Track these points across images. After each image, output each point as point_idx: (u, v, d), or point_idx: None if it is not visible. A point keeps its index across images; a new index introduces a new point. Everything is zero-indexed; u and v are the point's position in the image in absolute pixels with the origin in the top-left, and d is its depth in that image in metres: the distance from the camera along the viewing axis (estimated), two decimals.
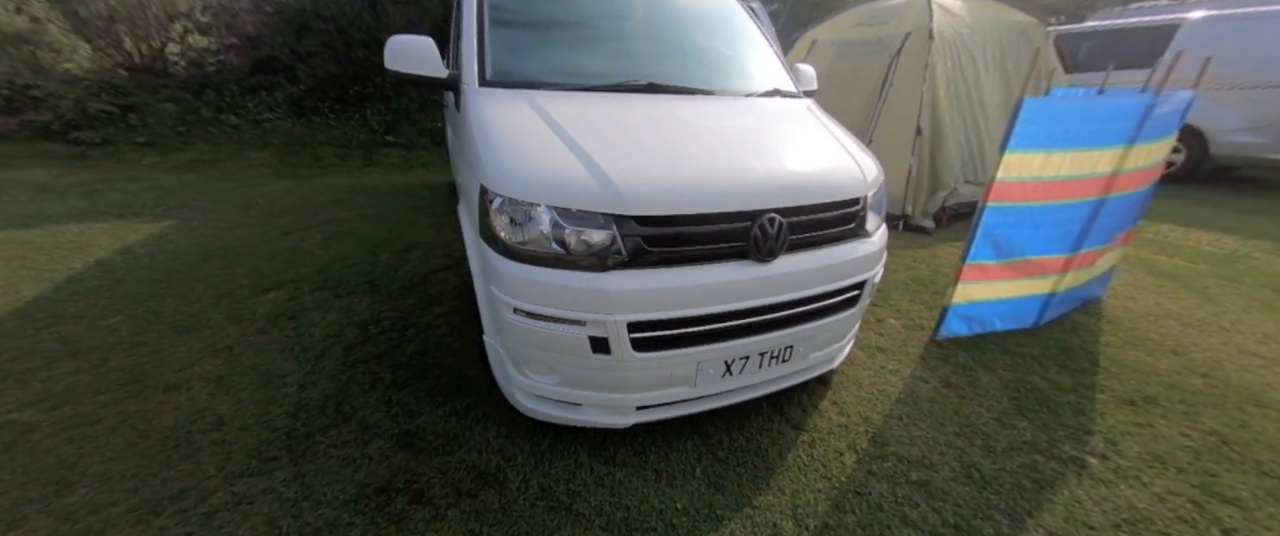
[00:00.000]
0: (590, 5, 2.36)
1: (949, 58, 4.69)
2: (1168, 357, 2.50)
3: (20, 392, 1.96)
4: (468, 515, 1.51)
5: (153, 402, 1.93)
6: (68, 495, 1.52)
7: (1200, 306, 3.06)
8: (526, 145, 1.63)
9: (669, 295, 1.54)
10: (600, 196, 1.49)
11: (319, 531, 1.44)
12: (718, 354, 1.69)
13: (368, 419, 1.88)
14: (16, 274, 2.95)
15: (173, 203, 4.49)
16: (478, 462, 1.71)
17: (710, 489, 1.67)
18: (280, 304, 2.70)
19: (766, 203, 1.64)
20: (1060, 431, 1.98)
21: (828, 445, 1.88)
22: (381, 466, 1.68)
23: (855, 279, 1.89)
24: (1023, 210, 2.34)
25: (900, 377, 2.31)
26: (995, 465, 1.81)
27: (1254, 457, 1.86)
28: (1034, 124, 2.13)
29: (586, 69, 2.08)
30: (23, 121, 6.12)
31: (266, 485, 1.58)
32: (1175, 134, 2.72)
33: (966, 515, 1.60)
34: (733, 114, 2.05)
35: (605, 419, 1.73)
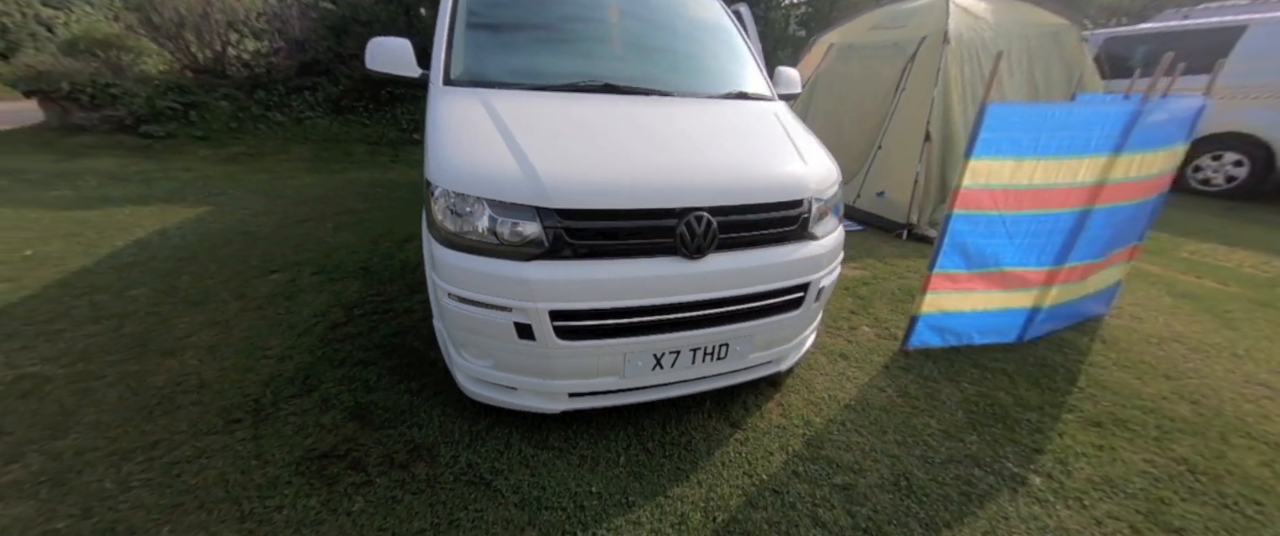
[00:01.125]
0: (561, 9, 2.46)
1: (966, 62, 4.54)
2: (1158, 382, 2.34)
3: (47, 349, 2.25)
4: (394, 484, 1.63)
5: (150, 364, 2.16)
6: (61, 439, 1.74)
7: (1216, 331, 2.83)
8: (469, 141, 1.73)
9: (592, 287, 1.61)
10: (527, 190, 1.57)
11: (260, 487, 1.59)
12: (645, 347, 1.74)
13: (330, 391, 2.04)
14: (70, 248, 3.33)
15: (214, 191, 4.92)
16: (417, 437, 1.83)
17: (630, 477, 1.72)
18: (281, 284, 2.94)
19: (695, 201, 1.68)
20: (1009, 448, 1.91)
21: (759, 444, 1.89)
22: (331, 434, 1.82)
23: (796, 281, 1.89)
24: (994, 219, 2.26)
25: (856, 385, 2.28)
26: (928, 475, 1.77)
27: (1219, 489, 1.74)
28: (1000, 130, 2.06)
29: (545, 70, 2.18)
30: (103, 116, 6.84)
31: (226, 443, 1.76)
32: (1184, 143, 2.55)
33: (880, 520, 1.59)
34: (685, 115, 2.09)
35: (538, 404, 1.81)
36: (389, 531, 1.47)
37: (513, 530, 1.49)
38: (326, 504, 1.54)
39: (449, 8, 2.26)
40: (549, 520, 1.53)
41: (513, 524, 1.51)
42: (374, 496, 1.58)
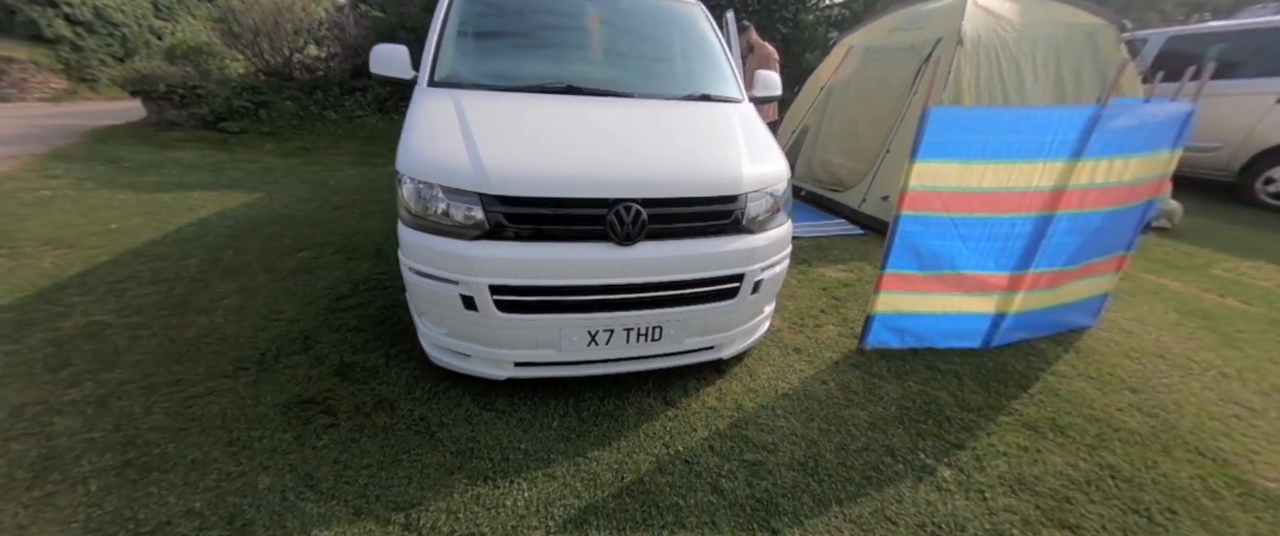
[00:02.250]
0: (543, 18, 2.70)
1: (982, 65, 4.42)
2: (1119, 394, 2.28)
3: (113, 303, 2.72)
4: (356, 428, 1.91)
5: (187, 320, 2.58)
6: (109, 372, 2.15)
7: (1213, 350, 2.68)
8: (434, 135, 1.99)
9: (527, 266, 1.82)
10: (472, 178, 1.80)
11: (250, 421, 1.91)
12: (580, 324, 1.93)
13: (323, 351, 2.37)
14: (146, 224, 3.92)
15: (269, 180, 5.54)
16: (384, 392, 2.11)
17: (558, 439, 1.92)
18: (304, 261, 3.35)
19: (625, 192, 1.85)
20: (930, 442, 1.96)
21: (687, 422, 2.04)
22: (315, 385, 2.14)
23: (728, 271, 2.03)
24: (946, 221, 2.28)
25: (800, 377, 2.37)
26: (838, 459, 1.86)
27: (1136, 496, 1.72)
28: (944, 133, 2.10)
29: (516, 73, 2.42)
30: (190, 113, 7.78)
31: (232, 386, 2.10)
32: (1171, 149, 2.45)
33: (775, 493, 1.70)
34: (637, 115, 2.27)
35: (487, 370, 2.04)
36: (342, 463, 1.74)
37: (443, 472, 1.73)
38: (297, 438, 1.84)
39: (441, 17, 2.54)
40: (475, 467, 1.76)
41: (444, 467, 1.75)
42: (337, 436, 1.87)
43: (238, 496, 1.59)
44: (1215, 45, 6.55)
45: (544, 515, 1.59)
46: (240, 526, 1.49)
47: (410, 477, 1.70)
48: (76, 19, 10.99)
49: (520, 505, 1.62)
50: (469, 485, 1.68)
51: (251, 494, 1.60)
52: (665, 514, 1.62)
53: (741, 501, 1.68)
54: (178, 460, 1.72)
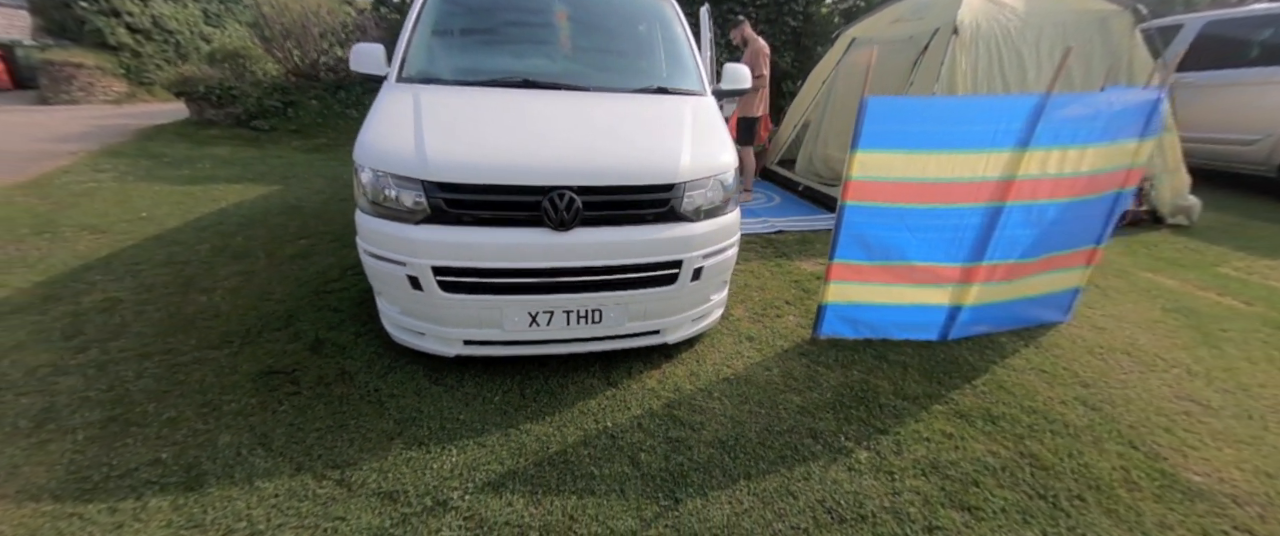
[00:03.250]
0: (511, 15, 2.83)
1: (981, 55, 4.31)
2: (1069, 388, 2.24)
3: (129, 281, 3.01)
4: (315, 396, 2.09)
5: (189, 298, 2.84)
6: (114, 341, 2.41)
7: (1187, 348, 2.58)
8: (388, 127, 2.15)
9: (467, 249, 1.95)
10: (415, 166, 1.95)
11: (223, 387, 2.12)
12: (520, 304, 2.06)
13: (301, 328, 2.58)
14: (171, 213, 4.28)
15: (290, 174, 5.91)
16: (346, 366, 2.29)
17: (496, 412, 2.04)
18: (303, 248, 3.60)
19: (559, 181, 1.96)
20: (855, 427, 1.99)
21: (622, 401, 2.14)
22: (287, 358, 2.34)
23: (664, 258, 2.11)
24: (892, 211, 2.29)
25: (746, 364, 2.42)
26: (759, 440, 1.92)
27: (1048, 483, 1.72)
28: (883, 123, 2.11)
29: (477, 68, 2.56)
30: (226, 112, 8.32)
31: (215, 356, 2.33)
32: (1138, 139, 2.38)
33: (689, 468, 1.78)
34: (586, 108, 2.37)
35: (438, 347, 2.19)
36: (296, 426, 1.92)
37: (383, 437, 1.88)
38: (262, 403, 2.03)
39: (413, 17, 2.71)
40: (414, 433, 1.90)
41: (386, 433, 1.90)
42: (298, 402, 2.05)
43: (199, 450, 1.79)
44: (1269, 29, 6.06)
45: (466, 478, 1.72)
46: (195, 475, 1.68)
47: (353, 441, 1.86)
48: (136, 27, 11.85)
49: (446, 468, 1.75)
50: (404, 449, 1.83)
51: (211, 448, 1.79)
52: (579, 481, 1.72)
53: (654, 473, 1.76)
54: (155, 418, 1.93)
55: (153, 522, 1.51)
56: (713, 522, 1.58)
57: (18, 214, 4.08)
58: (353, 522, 1.54)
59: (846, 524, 1.59)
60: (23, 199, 4.47)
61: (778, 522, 1.59)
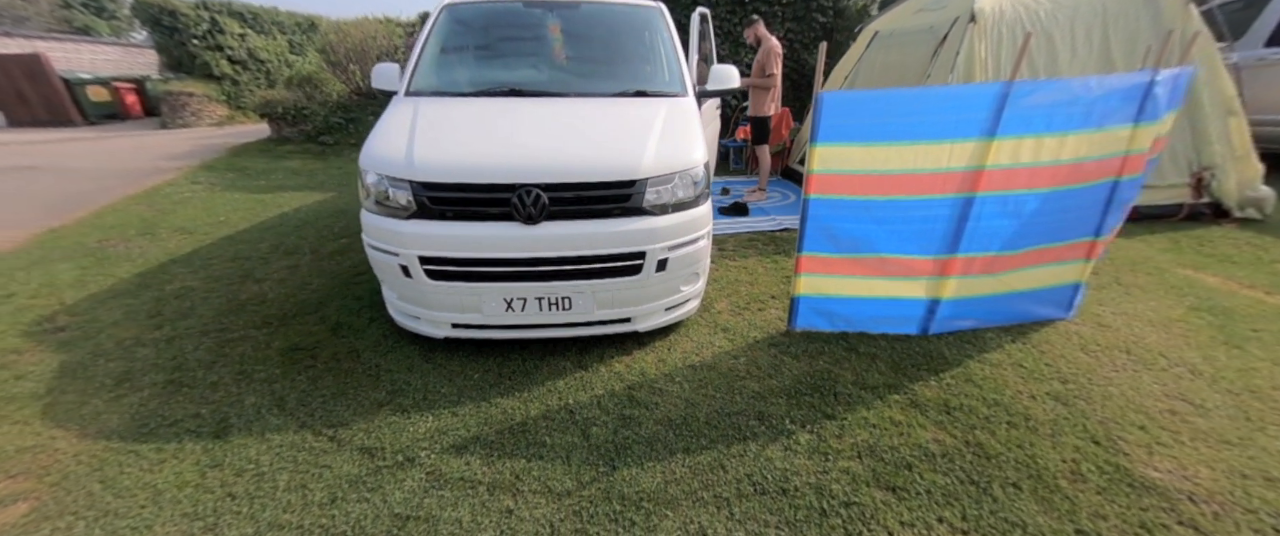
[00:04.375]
0: (507, 31, 3.09)
1: (1006, 41, 4.12)
2: (1045, 383, 2.17)
3: (202, 273, 3.56)
4: (327, 369, 2.43)
5: (245, 287, 3.33)
6: (183, 321, 2.89)
7: (1201, 349, 2.40)
8: (388, 135, 2.46)
9: (448, 240, 2.21)
10: (404, 167, 2.23)
11: (256, 359, 2.51)
12: (496, 291, 2.29)
13: (327, 313, 2.96)
14: (244, 217, 4.94)
15: (345, 182, 6.58)
16: (357, 345, 2.62)
17: (474, 387, 2.28)
18: (343, 246, 4.07)
19: (528, 178, 2.17)
20: (804, 412, 2.05)
21: (588, 382, 2.31)
22: (311, 337, 2.71)
23: (629, 249, 2.27)
24: (857, 203, 2.31)
25: (715, 352, 2.53)
26: (707, 421, 2.03)
27: (985, 471, 1.71)
28: (839, 117, 2.15)
29: (471, 79, 2.84)
30: (299, 130, 9.33)
31: (256, 335, 2.74)
32: (1131, 124, 2.25)
33: (633, 441, 1.93)
34: (564, 112, 2.58)
35: (429, 330, 2.47)
36: (306, 392, 2.25)
37: (374, 404, 2.17)
38: (284, 373, 2.39)
39: (423, 36, 3.04)
40: (399, 402, 2.18)
41: (377, 401, 2.19)
42: (312, 373, 2.39)
43: (229, 408, 2.15)
44: None
45: (435, 440, 1.96)
46: (223, 426, 2.04)
47: (349, 406, 2.16)
48: (235, 59, 13.49)
49: (420, 432, 2.00)
50: (389, 415, 2.10)
51: (238, 407, 2.15)
52: (532, 448, 1.92)
53: (600, 444, 1.92)
54: (202, 382, 2.33)
55: (186, 460, 1.87)
56: (642, 488, 1.72)
57: (129, 219, 4.88)
58: (336, 470, 1.81)
59: (767, 495, 1.67)
60: (135, 207, 5.32)
61: (703, 491, 1.70)
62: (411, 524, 1.59)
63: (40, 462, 1.87)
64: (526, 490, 1.72)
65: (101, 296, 3.23)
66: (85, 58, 15.25)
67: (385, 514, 1.63)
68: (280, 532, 1.57)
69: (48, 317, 2.96)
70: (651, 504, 1.66)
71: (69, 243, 4.23)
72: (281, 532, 1.57)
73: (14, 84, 13.03)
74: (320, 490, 1.73)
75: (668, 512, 1.63)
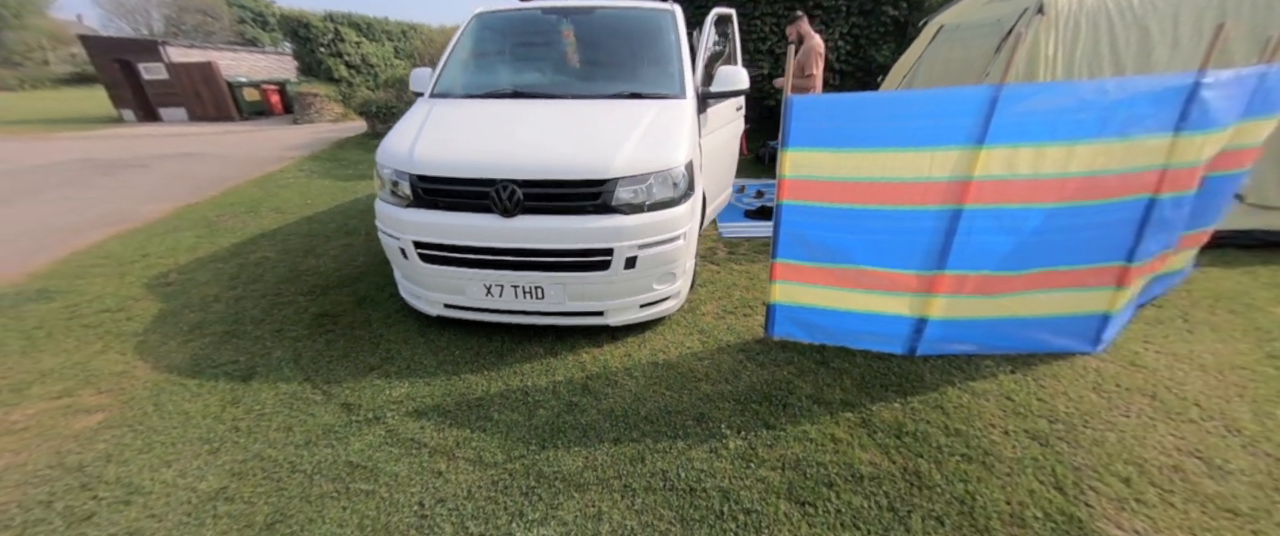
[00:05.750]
0: (525, 37, 3.31)
1: (1082, 36, 3.67)
2: (1028, 419, 1.94)
3: (280, 246, 4.20)
4: (342, 334, 2.79)
5: (306, 260, 3.88)
6: (253, 285, 3.45)
7: (1258, 404, 2.01)
8: (402, 133, 2.76)
9: (437, 228, 2.47)
10: (406, 162, 2.51)
11: (293, 321, 2.94)
12: (477, 277, 2.51)
13: (359, 287, 3.38)
14: (325, 199, 5.70)
15: None
16: (372, 316, 2.98)
17: (451, 362, 2.51)
18: None
19: (505, 174, 2.36)
20: (745, 419, 2.03)
21: (551, 368, 2.45)
22: (339, 306, 3.12)
23: (597, 245, 2.38)
24: (831, 211, 2.22)
25: (683, 353, 2.55)
26: (647, 416, 2.08)
27: (910, 499, 1.59)
28: (809, 122, 2.08)
29: (481, 83, 3.08)
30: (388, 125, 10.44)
31: (300, 301, 3.20)
32: (1171, 134, 1.94)
33: (570, 426, 2.03)
34: (554, 112, 2.73)
35: (426, 308, 2.75)
36: (319, 352, 2.61)
37: (366, 368, 2.47)
38: (309, 334, 2.79)
39: (452, 45, 3.35)
40: (387, 368, 2.46)
41: (370, 365, 2.49)
42: (330, 337, 2.77)
43: (260, 358, 2.57)
44: None
45: (403, 404, 2.20)
46: (249, 372, 2.44)
47: (347, 367, 2.48)
48: (351, 63, 15.38)
49: (394, 396, 2.26)
50: (376, 378, 2.39)
51: (266, 358, 2.57)
52: (478, 420, 2.09)
53: (540, 426, 2.05)
54: (248, 335, 2.80)
55: (215, 396, 2.27)
56: (561, 469, 1.82)
57: (243, 199, 5.83)
58: (318, 419, 2.12)
59: (674, 492, 1.70)
60: (250, 190, 6.34)
61: (615, 479, 1.77)
62: (358, 471, 1.83)
63: (120, 384, 2.38)
64: (461, 457, 1.90)
65: (204, 260, 3.94)
66: (244, 65, 18.12)
67: (342, 459, 1.89)
68: (260, 462, 1.89)
69: (163, 274, 3.68)
70: (564, 484, 1.76)
71: (197, 216, 5.17)
72: (261, 462, 1.89)
73: (194, 86, 15.88)
74: (301, 433, 2.03)
75: (575, 494, 1.71)
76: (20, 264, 3.92)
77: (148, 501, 1.71)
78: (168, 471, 1.84)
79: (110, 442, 1.99)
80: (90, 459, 1.91)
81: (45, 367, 2.52)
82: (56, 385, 2.37)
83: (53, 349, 2.69)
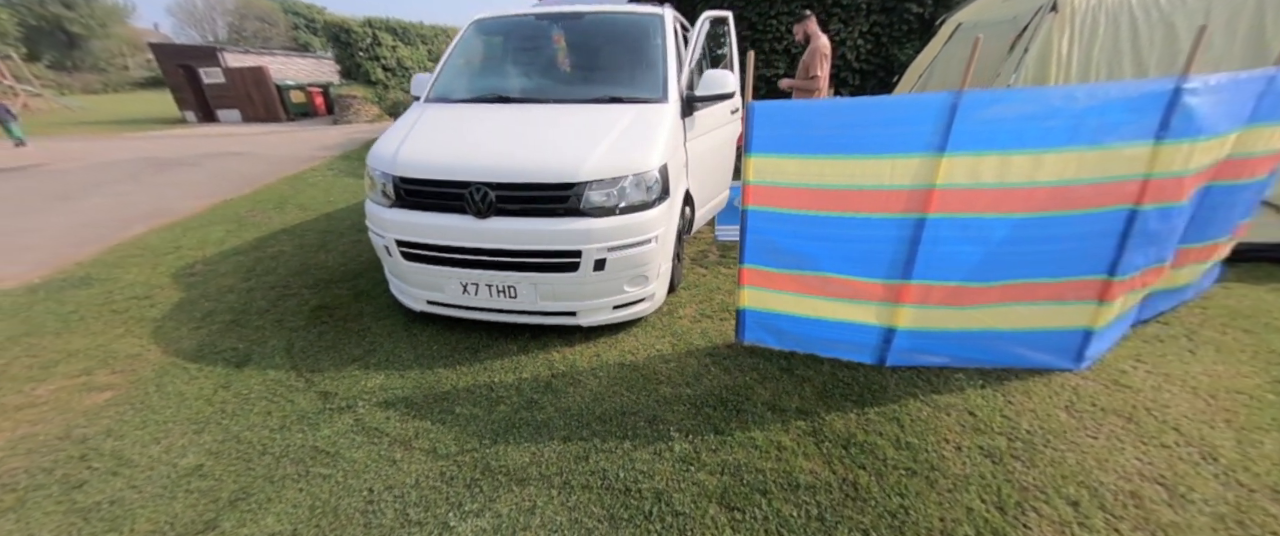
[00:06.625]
0: (517, 42, 3.40)
1: (1101, 34, 3.50)
2: (986, 436, 1.87)
3: (296, 242, 4.46)
4: (333, 326, 2.95)
5: (317, 255, 4.10)
6: (266, 277, 3.69)
7: (1246, 432, 1.87)
8: (390, 136, 2.90)
9: (415, 227, 2.58)
10: (390, 163, 2.64)
11: (293, 313, 3.13)
12: (454, 275, 2.61)
13: (358, 282, 3.56)
14: (347, 197, 5.98)
15: None
16: (364, 310, 3.14)
17: (427, 356, 2.62)
18: None
19: (478, 177, 2.45)
20: (696, 422, 2.04)
21: (520, 365, 2.52)
22: (337, 299, 3.29)
23: (566, 247, 2.44)
24: (793, 217, 2.20)
25: (650, 355, 2.57)
26: (601, 416, 2.12)
27: (843, 511, 1.58)
28: (772, 128, 2.07)
29: (469, 88, 3.18)
30: None
31: (304, 293, 3.40)
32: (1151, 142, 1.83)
33: (523, 423, 2.09)
34: (533, 117, 2.81)
35: (412, 304, 2.87)
36: (310, 342, 2.77)
37: (350, 359, 2.61)
38: (305, 325, 2.96)
39: (450, 50, 3.47)
40: (367, 359, 2.59)
41: (353, 356, 2.63)
42: (323, 329, 2.93)
43: (256, 346, 2.75)
44: None
45: (375, 395, 2.32)
46: (244, 359, 2.62)
47: (332, 357, 2.63)
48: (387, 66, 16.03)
49: (369, 386, 2.38)
50: (355, 369, 2.52)
51: (262, 346, 2.75)
52: (441, 413, 2.18)
53: (497, 420, 2.12)
54: (251, 324, 3.00)
55: (210, 380, 2.46)
56: (507, 463, 1.89)
57: (273, 196, 6.20)
58: (296, 405, 2.26)
59: (611, 491, 1.73)
60: (281, 187, 6.73)
61: (556, 476, 1.82)
62: (321, 456, 1.95)
63: (132, 366, 2.60)
64: (417, 447, 1.99)
65: (228, 253, 4.23)
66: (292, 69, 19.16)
67: (309, 444, 2.02)
68: (237, 443, 2.03)
69: (189, 266, 3.97)
70: (506, 478, 1.82)
71: (229, 212, 5.54)
72: (237, 443, 2.03)
73: (246, 89, 16.91)
74: (278, 417, 2.18)
75: (515, 488, 1.77)
76: (72, 253, 4.31)
77: (133, 474, 1.88)
78: (156, 447, 2.01)
79: (113, 419, 2.19)
80: (93, 433, 2.10)
81: (73, 348, 2.78)
82: (79, 364, 2.62)
83: (83, 331, 2.96)
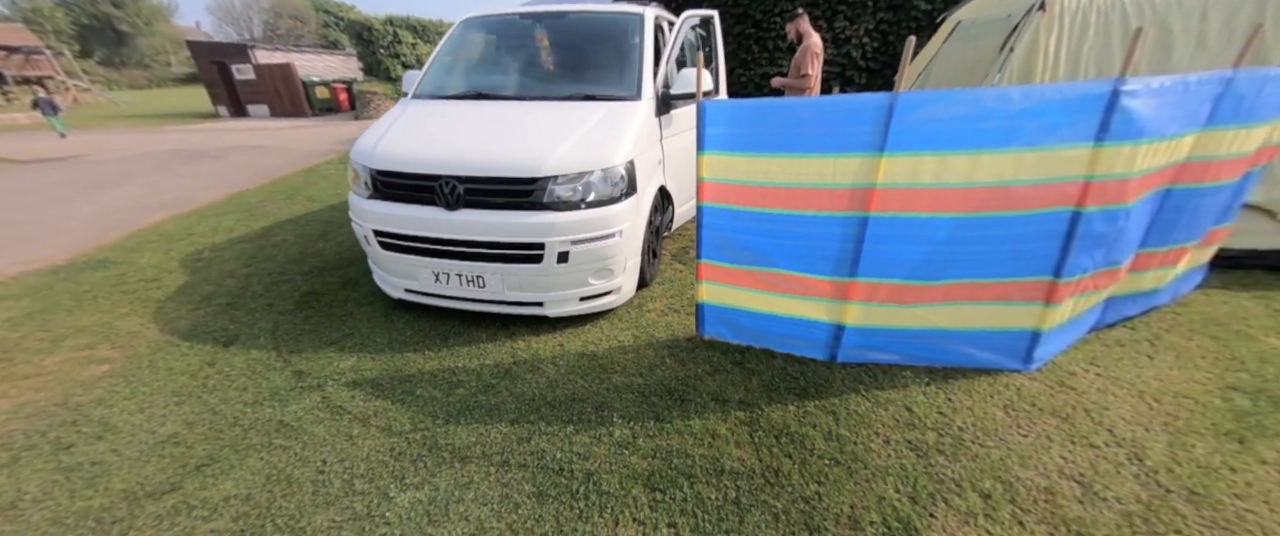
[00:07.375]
0: (501, 41, 3.51)
1: (1092, 33, 3.44)
2: (917, 431, 1.91)
3: (299, 231, 4.67)
4: (318, 311, 3.11)
5: (315, 244, 4.30)
6: (266, 264, 3.89)
7: (1183, 436, 1.86)
8: (373, 131, 3.03)
9: (390, 218, 2.71)
10: (369, 157, 2.78)
11: (284, 297, 3.31)
12: (427, 265, 2.73)
13: (348, 271, 3.72)
14: None
15: None
16: (349, 297, 3.29)
17: (400, 341, 2.75)
18: None
19: (447, 170, 2.56)
20: (641, 410, 2.12)
21: (485, 352, 2.63)
22: (327, 286, 3.46)
23: (529, 239, 2.54)
24: (744, 214, 2.25)
25: (611, 346, 2.66)
26: (550, 402, 2.21)
27: (759, 496, 1.65)
28: (721, 126, 2.13)
29: (453, 84, 3.31)
30: None
31: (297, 280, 3.58)
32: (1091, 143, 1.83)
33: (481, 405, 2.20)
34: (508, 113, 2.91)
35: (392, 291, 3.01)
36: (295, 326, 2.94)
37: (327, 341, 2.76)
38: (293, 309, 3.13)
39: (438, 49, 3.61)
40: (345, 342, 2.74)
41: (331, 339, 2.78)
42: (309, 313, 3.10)
43: (245, 328, 2.92)
44: None
45: (344, 376, 2.46)
46: (232, 339, 2.80)
47: (312, 340, 2.78)
48: (407, 63, 16.41)
49: (340, 367, 2.53)
50: (330, 350, 2.67)
51: (250, 328, 2.92)
52: (402, 394, 2.30)
53: (454, 403, 2.24)
54: (245, 307, 3.19)
55: (198, 357, 2.63)
56: (455, 442, 2.00)
57: (285, 188, 6.48)
58: (271, 382, 2.41)
59: (545, 471, 1.83)
60: (294, 179, 7.01)
61: (496, 455, 1.92)
62: (285, 429, 2.09)
63: (131, 342, 2.80)
64: (374, 425, 2.11)
65: (235, 241, 4.46)
66: (318, 65, 19.77)
67: (276, 419, 2.16)
68: (212, 415, 2.19)
69: (198, 252, 4.21)
70: (450, 455, 1.93)
71: (243, 202, 5.81)
72: (212, 415, 2.19)
73: (275, 85, 17.51)
74: (252, 393, 2.33)
75: (456, 464, 1.88)
76: (96, 238, 4.61)
77: (115, 438, 2.05)
78: (140, 416, 2.19)
79: (106, 389, 2.38)
80: (87, 401, 2.29)
81: (82, 324, 3.00)
82: (85, 339, 2.83)
83: (93, 309, 3.19)
